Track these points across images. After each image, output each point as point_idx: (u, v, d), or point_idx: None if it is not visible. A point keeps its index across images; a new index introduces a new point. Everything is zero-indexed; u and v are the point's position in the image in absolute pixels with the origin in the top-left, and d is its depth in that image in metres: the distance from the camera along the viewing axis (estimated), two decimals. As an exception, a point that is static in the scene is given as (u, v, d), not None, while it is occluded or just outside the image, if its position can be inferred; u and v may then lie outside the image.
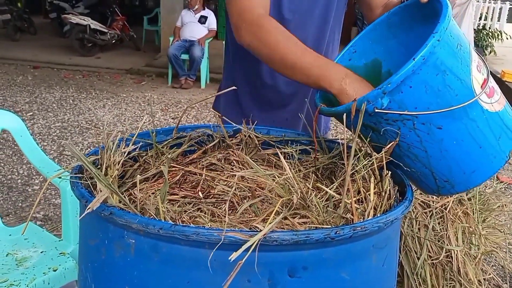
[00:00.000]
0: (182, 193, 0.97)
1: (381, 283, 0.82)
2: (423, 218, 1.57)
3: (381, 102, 0.85)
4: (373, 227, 0.73)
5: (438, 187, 0.96)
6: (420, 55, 0.82)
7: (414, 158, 0.91)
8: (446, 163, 0.91)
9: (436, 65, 0.84)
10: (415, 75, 0.83)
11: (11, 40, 9.21)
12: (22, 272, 1.44)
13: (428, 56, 0.83)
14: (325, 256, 0.72)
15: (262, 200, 0.86)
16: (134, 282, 0.74)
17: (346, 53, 1.12)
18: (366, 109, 0.86)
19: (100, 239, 0.78)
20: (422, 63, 0.83)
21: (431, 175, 0.93)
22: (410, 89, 0.84)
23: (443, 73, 0.85)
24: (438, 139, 0.88)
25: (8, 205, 2.98)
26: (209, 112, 5.35)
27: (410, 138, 0.88)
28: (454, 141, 0.88)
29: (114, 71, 7.43)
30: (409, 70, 0.82)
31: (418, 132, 0.87)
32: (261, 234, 0.65)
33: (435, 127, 0.87)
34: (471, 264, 1.56)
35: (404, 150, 0.91)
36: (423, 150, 0.89)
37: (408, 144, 0.89)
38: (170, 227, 0.68)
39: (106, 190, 0.75)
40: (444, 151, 0.89)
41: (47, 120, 4.75)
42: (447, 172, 0.92)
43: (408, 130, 0.87)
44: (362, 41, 1.12)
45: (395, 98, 0.85)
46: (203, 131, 1.16)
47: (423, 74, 0.84)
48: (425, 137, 0.87)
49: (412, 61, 0.82)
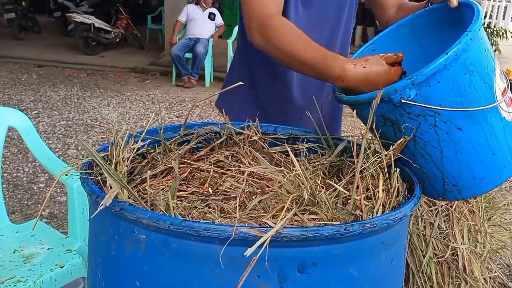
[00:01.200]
0: (190, 189, 0.98)
1: (390, 279, 0.82)
2: (429, 216, 1.57)
3: (408, 93, 0.85)
4: (382, 224, 0.73)
5: (445, 191, 0.96)
6: (453, 51, 0.82)
7: (428, 158, 0.92)
8: (458, 166, 0.91)
9: (466, 64, 0.85)
10: (445, 70, 0.83)
11: (16, 39, 9.24)
12: (29, 269, 1.44)
13: (460, 53, 0.83)
14: (334, 252, 0.73)
15: (271, 196, 0.86)
16: (145, 278, 0.74)
17: (365, 50, 1.12)
18: (391, 99, 0.86)
19: (110, 234, 0.78)
20: (453, 59, 0.83)
21: (441, 178, 0.94)
22: (438, 84, 0.85)
23: (471, 73, 0.86)
24: (455, 140, 0.88)
25: (14, 202, 2.99)
26: (213, 111, 5.35)
27: (428, 136, 0.89)
28: (470, 144, 0.89)
29: (118, 69, 7.44)
30: (440, 64, 0.83)
31: (437, 130, 0.88)
32: (274, 230, 0.65)
33: (455, 127, 0.87)
34: (477, 262, 1.56)
35: (420, 148, 0.91)
36: (439, 150, 0.90)
37: (426, 142, 0.90)
38: (180, 223, 0.69)
39: (116, 186, 0.76)
40: (459, 153, 0.89)
41: (52, 119, 4.76)
42: (458, 176, 0.93)
43: (428, 127, 0.88)
44: (381, 41, 1.12)
45: (422, 92, 0.85)
46: (210, 128, 1.16)
47: (453, 71, 0.84)
48: (444, 136, 0.88)
49: (444, 55, 0.82)
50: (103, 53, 8.50)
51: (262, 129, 1.18)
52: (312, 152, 1.15)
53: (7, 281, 1.37)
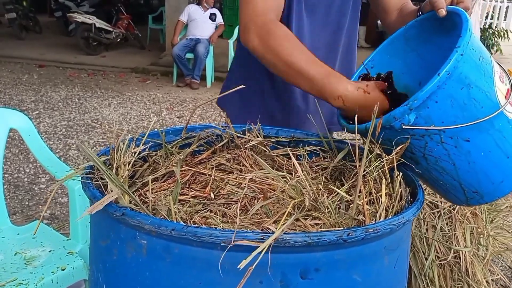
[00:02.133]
0: (192, 193, 0.97)
1: (393, 284, 0.82)
2: (431, 218, 1.56)
3: (408, 119, 0.85)
4: (385, 229, 0.73)
5: (467, 198, 0.96)
6: (445, 70, 0.83)
7: (442, 171, 0.92)
8: (474, 175, 0.91)
9: (461, 79, 0.85)
10: (440, 90, 0.84)
11: (17, 38, 9.25)
12: (30, 271, 1.44)
13: (453, 71, 0.83)
14: (337, 257, 0.72)
15: (273, 201, 0.86)
16: (146, 283, 0.74)
17: (364, 68, 1.12)
18: (392, 126, 0.87)
19: (112, 239, 0.78)
20: (447, 78, 0.83)
21: (459, 187, 0.94)
22: (436, 104, 0.85)
23: (468, 86, 0.86)
24: (465, 152, 0.88)
25: (15, 203, 2.99)
26: (215, 111, 5.35)
27: (437, 152, 0.89)
28: (481, 152, 0.89)
29: (119, 70, 7.44)
30: (434, 86, 0.83)
31: (445, 146, 0.88)
32: (272, 238, 0.65)
33: (462, 140, 0.87)
34: (479, 265, 1.56)
35: (432, 164, 0.91)
36: (451, 163, 0.90)
37: (436, 158, 0.90)
38: (182, 228, 0.68)
39: (116, 191, 0.75)
40: (472, 163, 0.89)
41: (53, 119, 4.76)
42: (476, 183, 0.92)
43: (435, 144, 0.88)
44: (379, 56, 1.12)
45: (421, 114, 0.85)
46: (212, 131, 1.16)
47: (448, 89, 0.84)
48: (453, 150, 0.88)
49: (437, 77, 0.83)
50: (104, 53, 8.51)
51: (264, 132, 1.17)
52: (314, 155, 1.14)
53: (8, 284, 1.37)
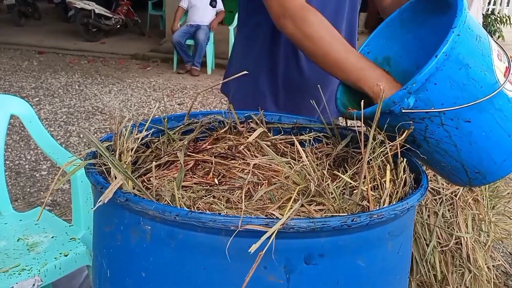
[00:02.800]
0: (195, 179, 0.97)
1: (396, 270, 0.82)
2: (433, 205, 1.56)
3: (407, 102, 0.85)
4: (389, 215, 0.73)
5: (470, 179, 0.96)
6: (442, 52, 0.82)
7: (444, 153, 0.91)
8: (476, 155, 0.91)
9: (459, 59, 0.84)
10: (438, 71, 0.83)
11: (16, 25, 9.18)
12: (33, 257, 1.45)
13: (450, 52, 0.83)
14: (341, 243, 0.72)
15: (277, 187, 0.86)
16: (150, 268, 0.74)
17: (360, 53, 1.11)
18: (392, 110, 0.86)
19: (116, 225, 0.78)
20: (444, 59, 0.83)
21: (462, 168, 0.93)
22: (435, 86, 0.84)
23: (466, 66, 0.85)
24: (467, 133, 0.88)
25: (16, 190, 3.00)
26: (215, 98, 5.33)
27: (439, 134, 0.89)
28: (482, 132, 0.88)
29: (119, 56, 7.41)
30: (432, 68, 0.82)
31: (446, 128, 0.87)
32: (279, 223, 0.65)
33: (463, 121, 0.87)
34: (481, 251, 1.56)
35: (433, 146, 0.91)
36: (452, 144, 0.89)
37: (437, 140, 0.90)
38: (186, 214, 0.68)
39: (121, 177, 0.75)
40: (474, 143, 0.89)
41: (53, 106, 4.75)
42: (478, 163, 0.92)
43: (436, 127, 0.88)
44: (375, 40, 1.11)
45: (421, 97, 0.85)
46: (214, 117, 1.15)
47: (447, 70, 0.84)
48: (454, 131, 0.88)
49: (434, 58, 0.82)
50: (104, 40, 8.46)
51: (267, 118, 1.17)
52: (317, 142, 1.14)
53: (11, 269, 1.38)
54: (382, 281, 0.79)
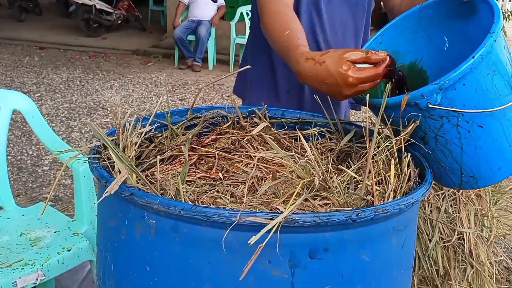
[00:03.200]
0: (199, 174, 0.97)
1: (400, 264, 0.82)
2: (436, 200, 1.56)
3: (435, 98, 0.85)
4: (394, 209, 0.73)
5: (462, 182, 0.98)
6: (479, 54, 0.83)
7: (448, 154, 0.93)
8: (477, 160, 0.93)
9: (489, 64, 0.86)
10: (471, 73, 0.84)
11: (17, 20, 9.17)
12: (36, 252, 1.45)
13: (485, 56, 0.84)
14: (346, 237, 0.72)
15: (281, 181, 0.85)
16: (155, 262, 0.74)
17: (372, 42, 1.12)
18: (418, 104, 0.87)
19: (120, 219, 0.78)
20: (479, 62, 0.84)
21: (459, 171, 0.95)
22: (463, 87, 0.85)
23: (493, 73, 0.87)
24: (476, 137, 0.90)
25: (18, 185, 3.00)
26: (217, 94, 5.33)
27: (450, 134, 0.90)
28: (489, 139, 0.90)
29: (120, 52, 7.39)
30: (467, 68, 0.83)
31: (460, 129, 0.89)
32: (282, 216, 0.65)
33: (477, 125, 0.88)
34: (483, 246, 1.56)
35: (440, 145, 0.92)
36: (459, 146, 0.91)
37: (447, 140, 0.91)
38: (191, 208, 0.68)
39: (125, 171, 0.75)
40: (479, 148, 0.91)
41: (55, 101, 4.75)
42: (476, 168, 0.94)
43: (451, 127, 0.89)
44: (389, 32, 1.12)
45: (447, 95, 0.86)
46: (217, 112, 1.15)
47: (477, 73, 0.85)
48: (465, 134, 0.89)
49: (471, 59, 0.83)
50: (105, 35, 8.44)
51: (270, 113, 1.16)
52: (320, 136, 1.14)
53: (14, 264, 1.38)
54: (386, 275, 0.79)
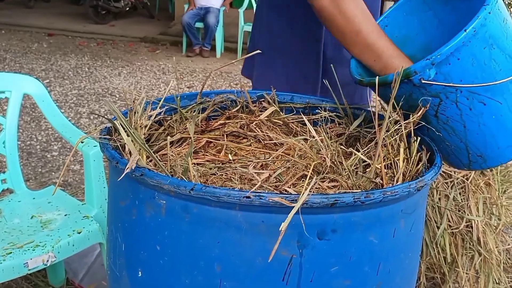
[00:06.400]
0: (208, 157, 0.98)
1: (408, 248, 0.83)
2: (444, 188, 1.56)
3: (428, 73, 0.84)
4: (403, 192, 0.73)
5: (470, 161, 0.96)
6: (472, 27, 0.81)
7: (451, 132, 0.91)
8: (482, 138, 0.91)
9: (485, 38, 0.84)
10: (464, 47, 0.83)
11: (26, 7, 9.17)
12: (47, 234, 1.47)
13: (479, 29, 0.82)
14: (354, 219, 0.72)
15: (289, 164, 0.86)
16: (165, 242, 0.75)
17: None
18: (411, 80, 0.86)
19: (131, 199, 0.79)
20: (472, 35, 0.82)
21: (465, 149, 0.93)
22: (458, 61, 0.84)
23: (490, 46, 0.85)
24: (478, 113, 0.88)
25: (28, 170, 3.03)
26: (225, 81, 5.32)
27: (450, 111, 0.88)
28: (493, 115, 0.89)
29: (128, 39, 7.39)
30: (459, 42, 0.82)
31: (459, 105, 0.87)
32: (302, 198, 0.65)
33: (477, 101, 0.87)
34: (491, 234, 1.56)
35: (442, 123, 0.91)
36: (462, 124, 0.89)
37: (448, 117, 0.89)
38: (201, 188, 0.69)
39: (136, 152, 0.76)
40: (482, 125, 0.89)
41: (63, 88, 4.77)
42: (482, 146, 0.92)
43: (450, 103, 0.87)
44: (395, 13, 1.10)
45: (442, 70, 0.84)
46: (227, 96, 1.15)
47: (472, 47, 0.83)
48: (466, 110, 0.88)
49: (463, 33, 0.81)
50: (113, 22, 8.43)
51: (279, 98, 1.16)
52: (330, 122, 1.13)
53: (26, 245, 1.40)
54: (394, 258, 0.79)
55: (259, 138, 1.06)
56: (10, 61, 5.65)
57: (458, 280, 1.60)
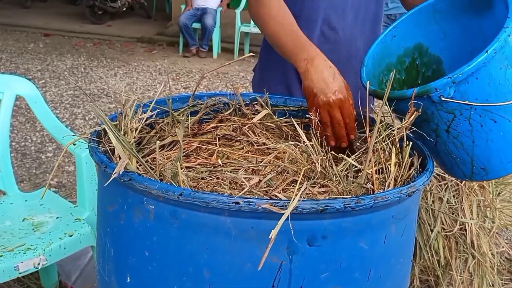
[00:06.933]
0: (199, 160, 0.97)
1: (400, 253, 0.82)
2: (438, 190, 1.56)
3: (448, 91, 0.86)
4: (394, 198, 0.72)
5: (473, 173, 0.98)
6: (492, 48, 0.83)
7: (459, 146, 0.94)
8: (488, 152, 0.94)
9: (502, 59, 0.86)
10: (484, 67, 0.85)
11: (22, 7, 9.14)
12: (38, 237, 1.46)
13: (499, 50, 0.84)
14: (344, 225, 0.72)
15: (280, 170, 0.85)
16: (154, 248, 0.74)
17: (387, 35, 1.11)
18: (430, 97, 0.87)
19: (119, 204, 0.78)
20: (493, 56, 0.84)
21: (470, 163, 0.96)
22: (476, 80, 0.86)
23: (506, 67, 0.87)
24: (487, 130, 0.90)
25: (22, 171, 3.01)
26: (221, 82, 5.31)
27: (462, 127, 0.91)
28: (501, 132, 0.91)
29: (125, 39, 7.37)
30: (480, 62, 0.84)
31: (472, 122, 0.89)
32: (293, 205, 0.64)
33: (488, 118, 0.89)
34: (485, 237, 1.56)
35: (452, 138, 0.93)
36: (471, 139, 0.92)
37: (459, 132, 0.91)
38: (190, 194, 0.68)
39: (125, 156, 0.75)
40: (490, 141, 0.92)
41: (59, 88, 4.75)
42: (486, 160, 0.95)
43: (463, 119, 0.90)
44: (404, 24, 1.12)
45: (460, 89, 0.86)
46: (219, 99, 1.15)
47: (490, 67, 0.86)
48: (477, 127, 0.90)
49: (484, 53, 0.83)
50: (110, 22, 8.41)
51: (272, 101, 1.16)
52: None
53: (17, 249, 1.39)
54: (385, 263, 0.79)
55: (251, 142, 1.05)
56: (5, 61, 5.63)
57: (452, 282, 1.60)
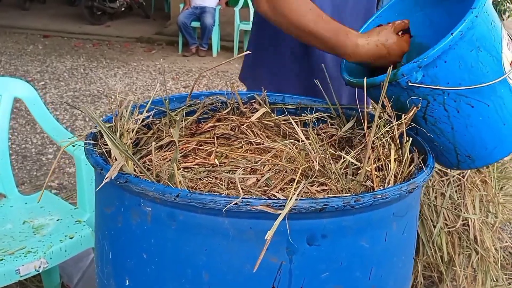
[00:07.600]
0: (197, 160, 0.96)
1: (401, 251, 0.81)
2: (440, 186, 1.55)
3: (415, 76, 0.85)
4: (394, 195, 0.71)
5: (459, 161, 0.97)
6: (458, 30, 0.82)
7: (439, 133, 0.92)
8: (470, 139, 0.92)
9: (472, 41, 0.84)
10: (451, 50, 0.83)
11: (21, 9, 9.13)
12: (39, 240, 1.45)
13: (466, 32, 0.82)
14: (344, 224, 0.71)
15: (278, 169, 0.84)
16: (152, 250, 0.73)
17: (370, 24, 1.10)
18: (399, 82, 0.86)
19: (116, 207, 0.77)
20: (459, 38, 0.82)
21: (453, 150, 0.94)
22: (445, 64, 0.84)
23: (477, 49, 0.85)
24: (465, 115, 0.89)
25: (23, 174, 3.01)
26: (221, 81, 5.30)
27: (438, 113, 0.89)
28: (480, 117, 0.89)
29: (124, 39, 7.36)
30: (446, 45, 0.82)
31: (447, 108, 0.88)
32: (289, 205, 0.63)
33: (464, 103, 0.87)
34: (488, 232, 1.55)
35: (430, 125, 0.91)
36: (449, 125, 0.90)
37: (436, 119, 0.90)
38: (187, 195, 0.67)
39: (121, 158, 0.74)
40: (470, 127, 0.90)
41: (59, 89, 4.75)
42: (470, 147, 0.93)
43: (437, 105, 0.88)
44: (387, 13, 1.10)
45: (429, 73, 0.85)
46: (216, 98, 1.14)
47: (459, 50, 0.84)
48: (453, 112, 0.88)
49: (450, 36, 0.82)
50: (109, 23, 8.40)
51: (270, 99, 1.15)
52: (321, 122, 1.12)
53: (17, 252, 1.38)
54: (386, 262, 0.78)
55: (250, 140, 1.04)
56: (5, 64, 5.62)
57: (456, 278, 1.59)
